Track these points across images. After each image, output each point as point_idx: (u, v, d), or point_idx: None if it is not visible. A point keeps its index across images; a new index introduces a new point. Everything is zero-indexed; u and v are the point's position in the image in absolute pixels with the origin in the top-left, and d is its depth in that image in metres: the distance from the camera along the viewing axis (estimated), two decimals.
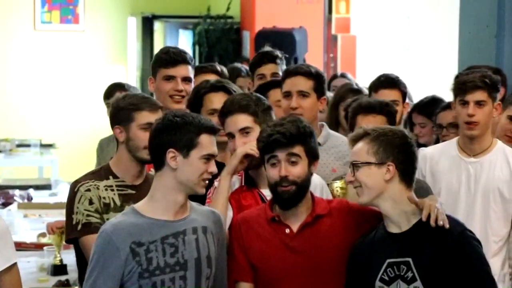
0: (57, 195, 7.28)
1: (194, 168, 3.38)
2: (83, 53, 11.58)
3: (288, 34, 9.28)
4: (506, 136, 4.63)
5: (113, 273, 3.32)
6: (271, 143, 3.51)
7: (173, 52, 4.67)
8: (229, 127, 3.83)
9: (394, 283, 3.36)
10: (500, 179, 4.20)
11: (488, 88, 4.17)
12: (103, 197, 3.88)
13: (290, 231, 3.54)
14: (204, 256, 3.42)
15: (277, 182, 3.51)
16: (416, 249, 3.35)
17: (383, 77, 4.91)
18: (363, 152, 3.40)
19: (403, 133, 3.48)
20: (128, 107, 3.90)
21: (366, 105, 4.09)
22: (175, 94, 4.55)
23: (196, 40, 10.65)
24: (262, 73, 5.30)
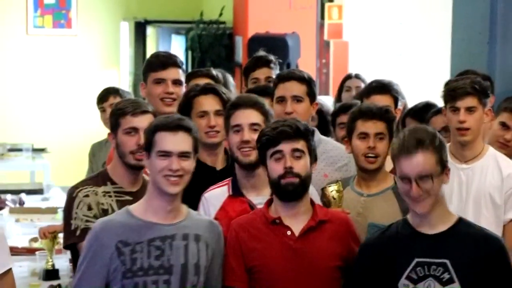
0: (49, 199, 7.26)
1: (154, 166, 3.40)
2: (76, 57, 11.57)
3: (281, 39, 9.29)
4: (498, 143, 4.64)
5: (99, 270, 3.35)
6: (277, 135, 3.55)
7: (163, 55, 4.71)
8: (239, 119, 3.85)
9: (423, 283, 3.38)
10: (492, 185, 4.21)
11: (478, 94, 4.19)
12: (101, 203, 3.88)
13: (292, 233, 3.57)
14: (192, 264, 3.42)
15: (281, 175, 3.54)
16: (454, 251, 3.38)
17: (375, 82, 4.93)
18: (432, 163, 3.38)
19: (438, 134, 3.48)
20: (115, 113, 3.93)
21: (367, 110, 4.09)
22: (165, 97, 4.57)
23: (188, 45, 10.65)
24: (256, 77, 5.33)
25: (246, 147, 3.82)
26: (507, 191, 4.21)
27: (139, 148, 3.83)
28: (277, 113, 4.35)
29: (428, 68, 9.00)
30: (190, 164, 3.42)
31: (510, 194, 4.21)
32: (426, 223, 3.43)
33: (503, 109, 4.69)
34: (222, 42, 10.47)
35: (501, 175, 4.23)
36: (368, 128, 4.02)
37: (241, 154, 3.83)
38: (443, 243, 3.40)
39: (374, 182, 4.05)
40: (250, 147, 3.82)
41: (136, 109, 3.89)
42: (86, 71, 11.56)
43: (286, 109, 4.33)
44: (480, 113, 4.21)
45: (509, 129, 4.65)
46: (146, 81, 4.67)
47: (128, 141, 3.86)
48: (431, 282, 3.37)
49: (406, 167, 3.37)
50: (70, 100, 11.48)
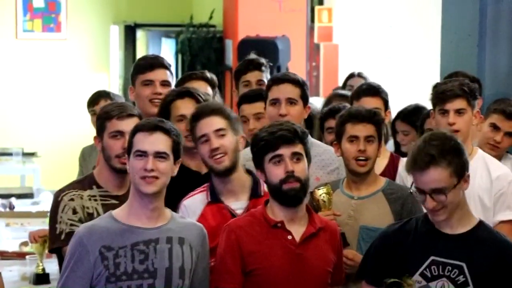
0: (39, 203, 7.24)
1: (131, 167, 3.41)
2: (66, 61, 11.55)
3: (271, 42, 9.29)
4: (489, 144, 4.66)
5: (82, 275, 3.35)
6: (276, 139, 3.54)
7: (150, 57, 4.77)
8: (203, 129, 3.85)
9: (435, 282, 3.39)
10: (481, 187, 4.22)
11: (467, 96, 4.20)
12: (86, 206, 3.88)
13: (292, 238, 3.58)
14: (177, 267, 3.41)
15: (282, 179, 3.54)
16: (472, 254, 3.38)
17: (365, 85, 4.96)
18: (446, 176, 3.37)
19: (450, 135, 3.48)
20: (101, 117, 3.93)
21: (356, 113, 4.09)
22: (154, 98, 4.59)
23: (178, 48, 10.65)
24: (247, 80, 5.35)
25: (217, 154, 3.82)
26: (496, 193, 4.22)
27: (124, 151, 3.83)
28: (271, 115, 4.35)
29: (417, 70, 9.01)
30: (166, 166, 3.41)
31: (499, 196, 4.22)
32: (445, 224, 3.44)
33: (493, 111, 4.71)
34: (212, 45, 10.47)
35: (490, 177, 4.23)
36: (358, 131, 4.02)
37: (214, 162, 3.83)
38: (462, 246, 3.41)
39: (364, 184, 4.06)
40: (221, 153, 3.83)
41: (122, 112, 3.88)
42: (76, 75, 11.54)
43: (280, 111, 4.33)
44: (469, 115, 4.22)
45: (500, 130, 4.67)
46: (134, 85, 4.68)
47: (114, 144, 3.86)
48: (445, 283, 3.39)
49: (420, 182, 3.40)
50: (60, 104, 11.46)
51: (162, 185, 3.41)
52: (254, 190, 3.89)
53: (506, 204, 4.22)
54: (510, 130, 4.68)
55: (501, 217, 4.22)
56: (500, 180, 4.22)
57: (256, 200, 3.86)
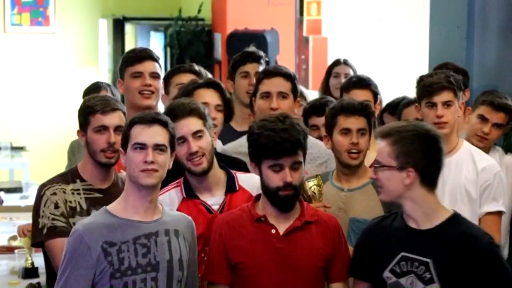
0: (28, 198, 7.23)
1: (130, 161, 3.39)
2: (54, 55, 11.51)
3: (260, 36, 9.29)
4: (477, 136, 4.67)
5: (84, 273, 3.31)
6: (280, 152, 3.51)
7: (139, 50, 4.77)
8: (181, 131, 3.75)
9: (405, 278, 3.38)
10: (467, 179, 4.23)
11: (454, 88, 4.22)
12: (69, 200, 3.86)
13: (276, 231, 3.56)
14: (176, 259, 3.42)
15: (279, 187, 3.53)
16: (437, 251, 3.36)
17: (355, 77, 4.97)
18: (385, 154, 3.41)
19: (429, 135, 3.44)
20: (85, 111, 3.91)
21: (349, 106, 4.09)
22: (144, 90, 4.59)
23: (167, 42, 10.63)
24: (246, 71, 5.37)
25: (196, 157, 3.78)
26: (482, 184, 4.24)
27: (109, 146, 3.83)
28: (262, 108, 4.35)
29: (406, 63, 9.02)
30: (165, 159, 3.40)
31: (485, 187, 4.24)
32: (411, 219, 3.43)
33: (481, 103, 4.72)
34: (200, 38, 10.46)
35: (476, 169, 4.25)
36: (351, 124, 4.02)
37: (192, 164, 3.79)
38: (428, 242, 3.39)
39: (355, 177, 4.06)
40: (199, 156, 3.79)
41: (106, 107, 3.87)
42: (65, 69, 11.51)
43: (271, 105, 4.34)
44: (456, 107, 4.24)
45: (488, 122, 4.68)
46: (123, 77, 4.67)
47: (98, 139, 3.85)
48: (414, 279, 3.37)
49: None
50: (49, 98, 11.43)
51: (160, 177, 3.41)
52: (230, 185, 3.87)
53: (492, 196, 4.24)
54: (498, 121, 4.69)
55: (487, 208, 4.24)
56: (486, 172, 4.24)
57: (232, 195, 3.85)
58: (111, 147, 3.83)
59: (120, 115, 3.88)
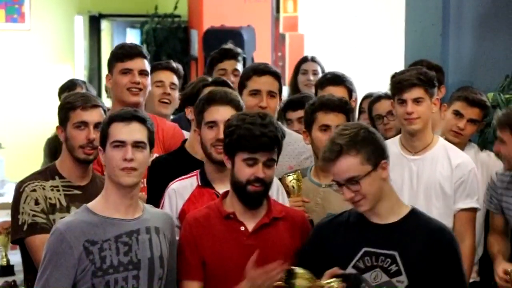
0: (4, 195, 7.20)
1: (110, 158, 3.38)
2: (29, 52, 11.44)
3: (236, 32, 9.28)
4: (452, 131, 4.70)
5: (66, 272, 3.30)
6: (257, 145, 3.49)
7: (129, 46, 4.76)
8: (214, 116, 3.81)
9: (369, 272, 3.38)
10: (442, 175, 4.25)
11: (424, 84, 4.23)
12: (49, 197, 3.86)
13: (245, 229, 3.56)
14: (157, 256, 3.42)
15: (249, 180, 3.50)
16: (403, 243, 3.38)
17: (329, 74, 4.98)
18: (357, 165, 3.35)
19: (367, 127, 3.45)
20: (65, 107, 3.91)
21: (328, 102, 4.09)
22: (132, 87, 4.59)
23: (143, 39, 10.60)
24: (223, 68, 5.41)
25: (221, 145, 3.78)
26: (457, 181, 4.26)
27: (88, 142, 3.83)
28: (250, 105, 4.36)
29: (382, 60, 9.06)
30: (144, 156, 3.40)
31: (459, 184, 4.26)
32: (375, 214, 3.43)
33: (456, 98, 4.75)
34: (177, 35, 10.44)
35: (451, 165, 4.27)
36: (330, 121, 4.03)
37: (215, 151, 3.80)
38: (393, 235, 3.40)
39: None
40: None
41: (87, 103, 3.87)
42: (40, 66, 11.44)
43: (261, 103, 4.37)
44: (428, 103, 4.25)
45: (463, 117, 4.71)
46: (112, 72, 4.67)
47: (78, 135, 3.85)
48: (379, 273, 3.37)
49: (333, 174, 3.40)
50: (25, 95, 11.36)
51: (140, 176, 3.41)
52: None
53: (466, 192, 4.26)
54: (473, 117, 4.72)
55: (461, 205, 4.26)
56: (461, 169, 4.26)
57: None
58: (90, 144, 3.83)
59: (101, 111, 3.89)
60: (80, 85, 5.76)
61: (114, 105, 4.60)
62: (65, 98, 3.98)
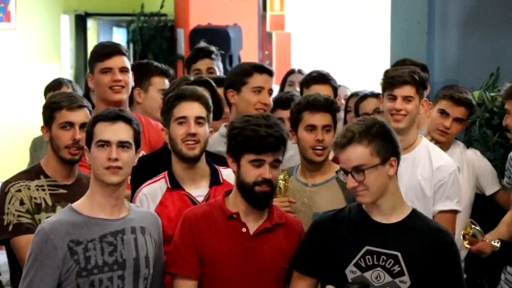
0: None
1: (94, 158, 3.38)
2: (15, 51, 11.41)
3: (223, 31, 9.29)
4: (438, 130, 4.70)
5: (50, 272, 3.30)
6: (264, 146, 3.49)
7: (107, 45, 4.76)
8: (184, 111, 3.82)
9: (370, 272, 3.38)
10: (422, 176, 4.25)
11: (417, 84, 4.23)
12: (34, 197, 3.85)
13: (247, 230, 3.55)
14: (143, 256, 3.41)
15: (257, 182, 3.50)
16: (406, 244, 3.38)
17: (315, 73, 4.99)
18: (367, 155, 3.37)
19: (383, 123, 3.47)
20: (50, 106, 3.91)
21: (315, 102, 4.09)
22: (114, 85, 4.60)
23: (130, 38, 10.60)
24: (198, 68, 5.38)
25: (192, 140, 3.80)
26: (437, 183, 4.25)
27: (74, 142, 3.83)
28: (253, 101, 4.46)
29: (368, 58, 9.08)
30: (129, 156, 3.39)
31: (439, 186, 4.25)
32: (378, 212, 3.43)
33: (442, 97, 4.75)
34: (163, 34, 10.44)
35: (432, 167, 4.27)
36: (316, 120, 4.02)
37: (185, 147, 3.80)
38: (396, 235, 3.40)
39: (319, 172, 4.07)
40: (195, 140, 3.81)
41: (72, 103, 3.87)
42: (26, 65, 11.41)
43: (265, 100, 4.48)
44: (416, 103, 4.25)
45: (448, 116, 4.72)
46: (93, 72, 4.68)
47: (63, 135, 3.85)
48: (380, 273, 3.38)
49: (341, 160, 3.41)
50: (11, 94, 11.33)
51: (125, 175, 3.40)
52: (214, 178, 3.89)
53: (446, 195, 4.26)
54: (459, 116, 4.73)
55: (440, 207, 4.26)
56: (441, 171, 4.26)
57: (217, 187, 3.86)
58: (76, 144, 3.83)
59: (86, 112, 3.89)
60: (66, 84, 5.75)
61: (98, 104, 4.60)
62: (50, 98, 3.98)
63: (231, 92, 4.50)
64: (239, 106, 4.47)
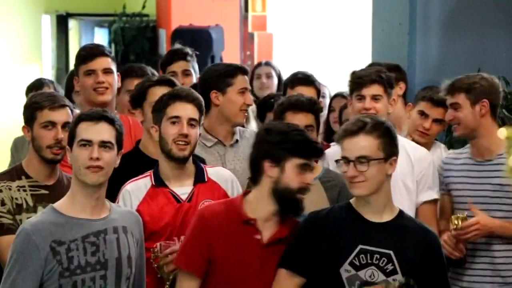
0: None
1: (75, 157, 3.38)
2: None
3: (205, 32, 9.29)
4: (418, 131, 4.73)
5: (32, 273, 3.29)
6: (314, 150, 3.56)
7: (90, 47, 4.77)
8: (177, 111, 3.83)
9: (364, 270, 3.41)
10: (403, 172, 4.27)
11: (384, 83, 4.27)
12: (15, 197, 3.85)
13: (261, 238, 3.53)
14: (125, 256, 3.41)
15: (301, 188, 3.52)
16: (398, 242, 3.43)
17: (300, 74, 5.00)
18: (374, 147, 3.43)
19: (390, 124, 3.53)
20: (32, 106, 3.91)
21: (297, 102, 4.11)
22: (97, 87, 4.62)
23: (111, 38, 10.58)
24: (173, 71, 5.36)
25: (183, 141, 3.80)
26: (418, 174, 4.31)
27: (56, 142, 3.82)
28: (239, 103, 4.46)
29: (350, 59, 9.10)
30: (111, 156, 3.39)
31: (421, 177, 4.31)
32: (369, 211, 3.47)
33: (421, 98, 4.78)
34: (145, 35, 10.43)
35: (410, 160, 4.31)
36: (298, 121, 4.03)
37: (176, 147, 3.81)
38: (388, 234, 3.45)
39: None
40: (186, 141, 3.81)
41: (54, 103, 3.88)
42: (7, 66, 11.36)
43: (249, 101, 4.50)
44: (385, 102, 4.29)
45: (428, 117, 4.74)
46: (78, 75, 4.69)
47: (45, 135, 3.85)
48: (374, 271, 3.41)
49: (347, 148, 3.45)
50: None
51: (107, 175, 3.40)
52: (199, 176, 3.89)
53: (428, 185, 4.32)
54: (438, 117, 4.74)
55: (424, 197, 4.31)
56: (421, 162, 4.32)
57: (201, 185, 3.87)
58: (58, 144, 3.83)
59: (68, 111, 3.89)
60: (47, 85, 5.74)
61: (84, 107, 4.60)
62: (32, 97, 3.97)
63: (215, 93, 4.49)
64: (224, 107, 4.47)
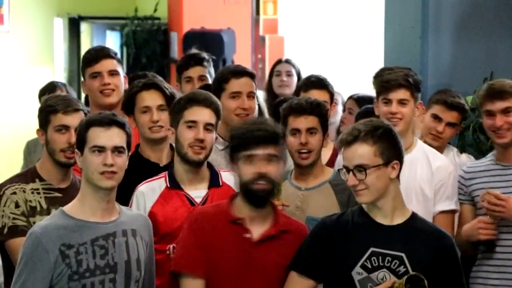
0: None
1: (88, 162, 3.38)
2: (9, 54, 11.39)
3: (216, 35, 9.30)
4: (431, 135, 4.72)
5: (42, 276, 3.30)
6: (254, 138, 3.50)
7: (95, 50, 4.79)
8: (195, 116, 3.83)
9: (376, 272, 3.41)
10: (422, 178, 4.27)
11: (411, 87, 4.25)
12: (29, 200, 3.86)
13: (250, 236, 3.53)
14: (134, 259, 3.42)
15: (252, 179, 3.49)
16: (410, 244, 3.43)
17: (313, 77, 5.01)
18: (371, 154, 3.42)
19: (390, 126, 3.53)
20: (46, 110, 3.93)
21: (297, 106, 4.11)
22: (104, 89, 4.64)
23: (123, 41, 10.59)
24: (189, 76, 5.34)
25: (199, 145, 3.81)
26: (437, 183, 4.28)
27: (69, 146, 3.83)
28: (232, 107, 4.38)
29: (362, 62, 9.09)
30: (123, 161, 3.41)
31: (440, 186, 4.28)
32: (380, 214, 3.47)
33: (435, 102, 4.76)
34: (157, 38, 10.43)
35: (431, 168, 4.29)
36: (299, 124, 4.04)
37: (192, 151, 3.82)
38: (400, 236, 3.45)
39: (311, 176, 4.08)
40: (201, 146, 3.82)
41: (68, 107, 3.89)
42: (20, 68, 11.39)
43: (243, 105, 4.39)
44: (412, 106, 4.27)
45: (441, 121, 4.73)
46: (85, 78, 4.70)
47: (59, 139, 3.87)
48: (386, 274, 3.41)
49: (345, 157, 3.45)
50: (4, 97, 11.31)
51: (119, 179, 3.41)
52: (214, 180, 3.90)
53: (446, 195, 4.29)
54: (452, 120, 4.74)
55: (441, 207, 4.28)
56: (441, 171, 4.28)
57: (215, 189, 3.88)
58: (71, 147, 3.84)
59: (82, 115, 3.91)
60: (60, 88, 5.77)
61: (92, 109, 4.61)
62: (46, 101, 3.99)
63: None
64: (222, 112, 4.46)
